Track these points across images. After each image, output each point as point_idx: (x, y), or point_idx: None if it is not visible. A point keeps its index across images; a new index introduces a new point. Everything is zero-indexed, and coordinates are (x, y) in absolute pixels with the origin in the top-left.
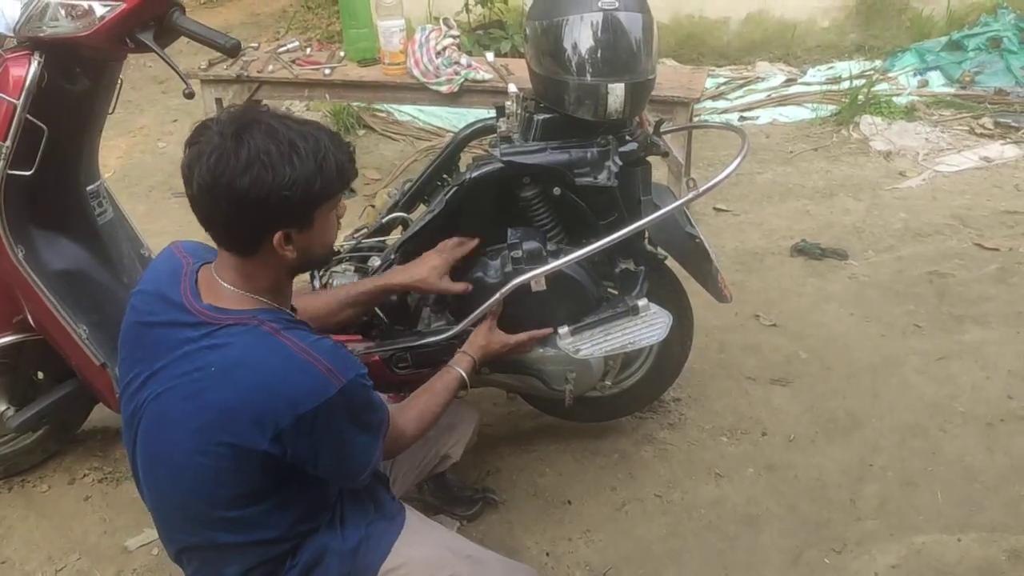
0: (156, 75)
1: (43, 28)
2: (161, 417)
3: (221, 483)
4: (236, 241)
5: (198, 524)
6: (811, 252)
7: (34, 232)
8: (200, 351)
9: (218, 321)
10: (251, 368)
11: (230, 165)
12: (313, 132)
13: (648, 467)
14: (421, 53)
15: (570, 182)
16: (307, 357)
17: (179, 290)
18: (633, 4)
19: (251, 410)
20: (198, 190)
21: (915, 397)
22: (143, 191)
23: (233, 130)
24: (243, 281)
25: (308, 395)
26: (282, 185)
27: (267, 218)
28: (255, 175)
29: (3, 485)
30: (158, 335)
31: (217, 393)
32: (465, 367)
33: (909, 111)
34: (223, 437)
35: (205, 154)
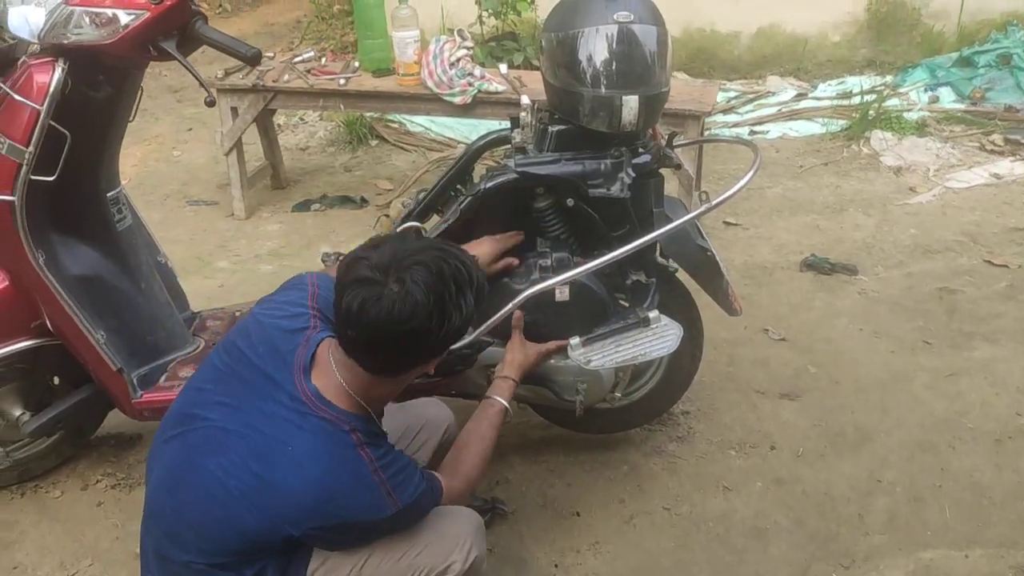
0: (171, 84)
1: (67, 35)
2: (220, 449)
3: (240, 534)
4: (387, 366)
5: (190, 545)
6: (821, 267)
7: (54, 237)
8: (287, 425)
9: (315, 409)
10: (324, 468)
11: (415, 311)
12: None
13: (657, 480)
14: (435, 64)
15: (583, 193)
16: (376, 478)
17: (295, 355)
18: (648, 17)
19: (306, 503)
20: (370, 329)
21: (924, 413)
22: (158, 199)
23: (410, 277)
24: (361, 387)
25: (363, 511)
26: (453, 327)
27: (422, 353)
28: (434, 320)
29: (16, 490)
30: (256, 381)
31: (283, 472)
32: (506, 395)
33: (920, 127)
34: (269, 510)
35: (385, 299)
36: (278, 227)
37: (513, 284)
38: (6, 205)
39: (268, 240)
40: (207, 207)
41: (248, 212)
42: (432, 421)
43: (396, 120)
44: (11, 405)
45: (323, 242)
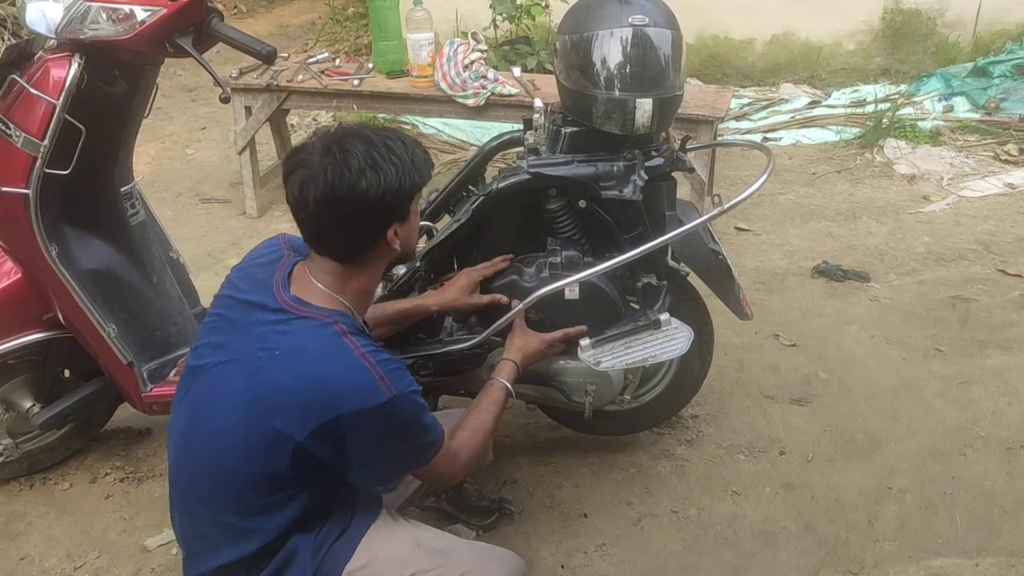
0: (186, 83)
1: (84, 30)
2: (219, 383)
3: (251, 460)
4: (349, 246)
5: (212, 495)
6: (832, 274)
7: (68, 231)
8: (272, 334)
9: (296, 311)
10: (311, 358)
11: (344, 176)
12: (397, 135)
13: (665, 482)
14: (449, 67)
15: (596, 195)
16: (365, 362)
17: (272, 277)
18: (663, 21)
19: (300, 397)
20: (316, 205)
21: (936, 421)
22: (171, 196)
23: (335, 144)
24: (337, 283)
25: (356, 396)
26: (390, 183)
27: (382, 216)
28: (369, 179)
29: (25, 482)
30: (241, 312)
31: (274, 374)
32: (507, 375)
33: (934, 136)
34: (268, 417)
35: (315, 170)
36: (289, 226)
37: (523, 283)
38: (20, 198)
39: None
40: (219, 205)
41: (260, 211)
42: None
43: (409, 122)
44: (22, 397)
45: None
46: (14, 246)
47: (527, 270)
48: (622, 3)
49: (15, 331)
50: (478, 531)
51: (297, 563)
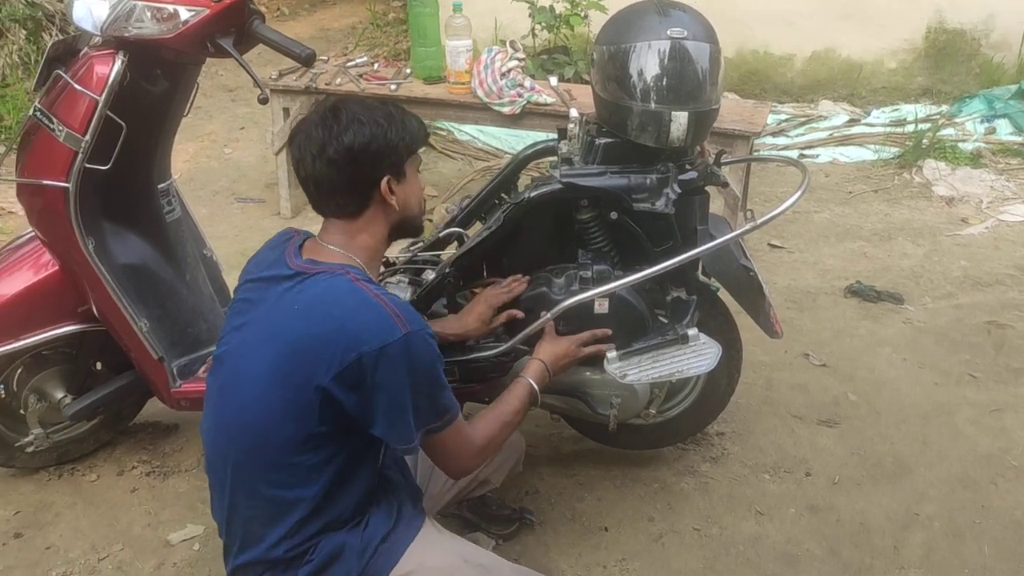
0: (226, 83)
1: (128, 29)
2: (243, 356)
3: (282, 421)
4: (347, 199)
5: (248, 469)
6: (866, 294)
7: (105, 225)
8: (289, 296)
9: (309, 270)
10: (326, 303)
11: (334, 130)
12: (389, 103)
13: (688, 499)
14: (486, 74)
15: (628, 207)
16: (379, 300)
17: (284, 252)
18: (702, 34)
19: (319, 342)
20: (312, 160)
21: (967, 448)
22: (207, 195)
23: (328, 107)
24: (347, 240)
25: (373, 333)
26: (378, 134)
27: (372, 166)
28: (355, 130)
29: (54, 471)
30: (259, 291)
31: (293, 327)
32: (534, 374)
33: (975, 158)
34: (292, 370)
35: (310, 130)
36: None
37: (552, 294)
38: (61, 192)
39: None
40: (254, 204)
41: (294, 211)
42: (509, 444)
43: (444, 127)
44: (54, 388)
45: None
46: (53, 239)
47: (556, 281)
48: (661, 15)
49: (50, 322)
50: (498, 540)
51: (343, 560)
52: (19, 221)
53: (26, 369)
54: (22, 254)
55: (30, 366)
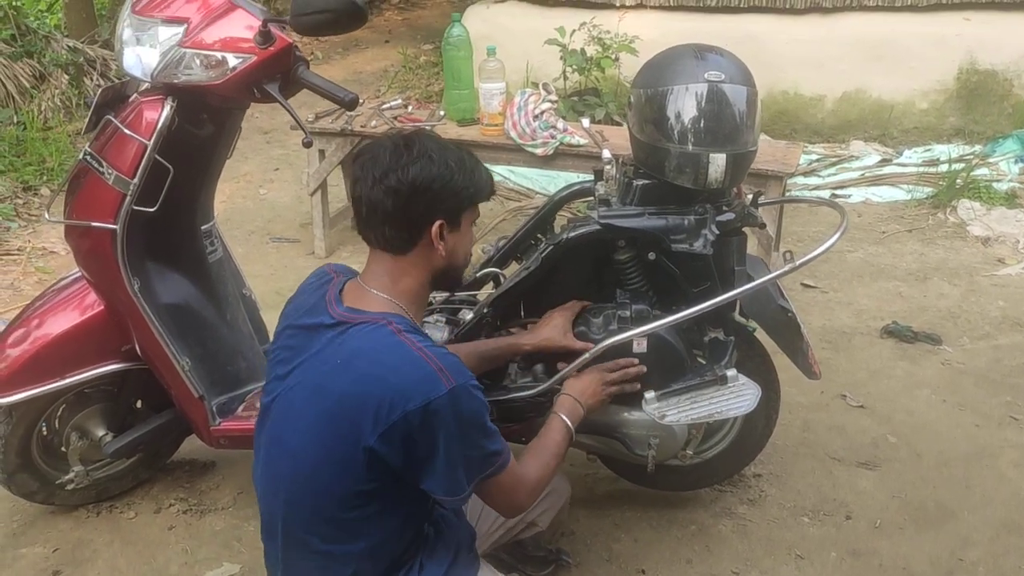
0: (261, 126)
1: (178, 75)
2: (289, 407)
3: (330, 476)
4: (396, 234)
5: (300, 522)
6: (902, 335)
7: (150, 266)
8: (331, 347)
9: (352, 320)
10: (368, 359)
11: (402, 159)
12: (464, 149)
13: (726, 542)
14: (519, 116)
15: (666, 248)
16: (422, 355)
17: (325, 297)
18: (739, 77)
19: (364, 400)
20: (371, 183)
21: (1011, 492)
22: (243, 235)
23: (403, 136)
24: (390, 284)
25: (418, 390)
26: (444, 175)
27: (428, 206)
28: (423, 165)
29: (93, 509)
30: (302, 338)
31: (337, 382)
32: (566, 410)
33: (1010, 198)
34: (337, 427)
35: (378, 153)
36: (357, 266)
37: (591, 334)
38: (108, 233)
39: None
40: (289, 244)
41: (328, 251)
42: (555, 489)
43: None
44: (95, 425)
45: None
46: (99, 279)
47: (595, 321)
48: (698, 59)
49: (95, 361)
50: None
51: None
52: (61, 260)
53: (68, 407)
54: (68, 294)
55: (72, 404)
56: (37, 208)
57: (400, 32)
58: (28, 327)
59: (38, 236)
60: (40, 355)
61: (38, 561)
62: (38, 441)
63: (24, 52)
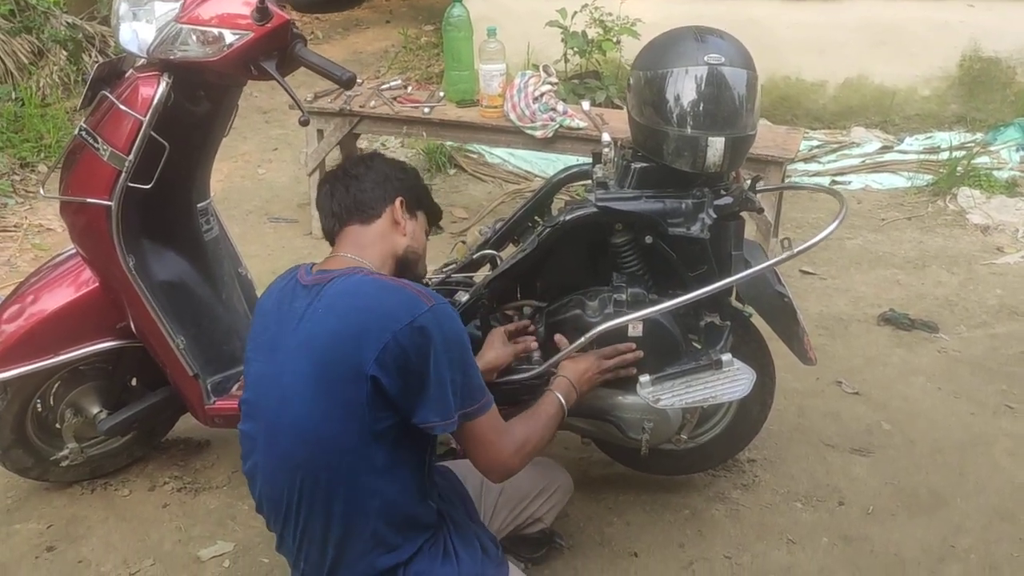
0: (260, 105)
1: (174, 51)
2: (282, 373)
3: (340, 424)
4: (364, 202)
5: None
6: (899, 322)
7: (145, 243)
8: (311, 309)
9: (325, 279)
10: (350, 296)
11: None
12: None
13: (719, 526)
14: (519, 98)
15: (663, 231)
16: (397, 283)
17: (295, 276)
18: (739, 60)
19: (353, 330)
20: (342, 174)
21: (1004, 480)
22: (240, 214)
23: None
24: (358, 250)
25: (402, 310)
26: (406, 171)
27: (393, 183)
28: (383, 162)
29: (87, 486)
30: (277, 317)
31: (323, 325)
32: (560, 389)
33: (1010, 186)
34: (335, 369)
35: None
36: None
37: (587, 318)
38: (104, 210)
39: None
40: (286, 224)
41: None
42: (561, 486)
43: (475, 150)
44: (90, 403)
45: None
46: (94, 256)
47: (591, 304)
48: (699, 41)
49: (89, 338)
50: (527, 563)
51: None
52: (58, 237)
53: (63, 384)
54: (63, 270)
55: (67, 381)
56: (34, 185)
57: (401, 12)
58: (23, 303)
59: (35, 213)
60: (35, 331)
61: (32, 537)
62: (33, 417)
63: (23, 28)
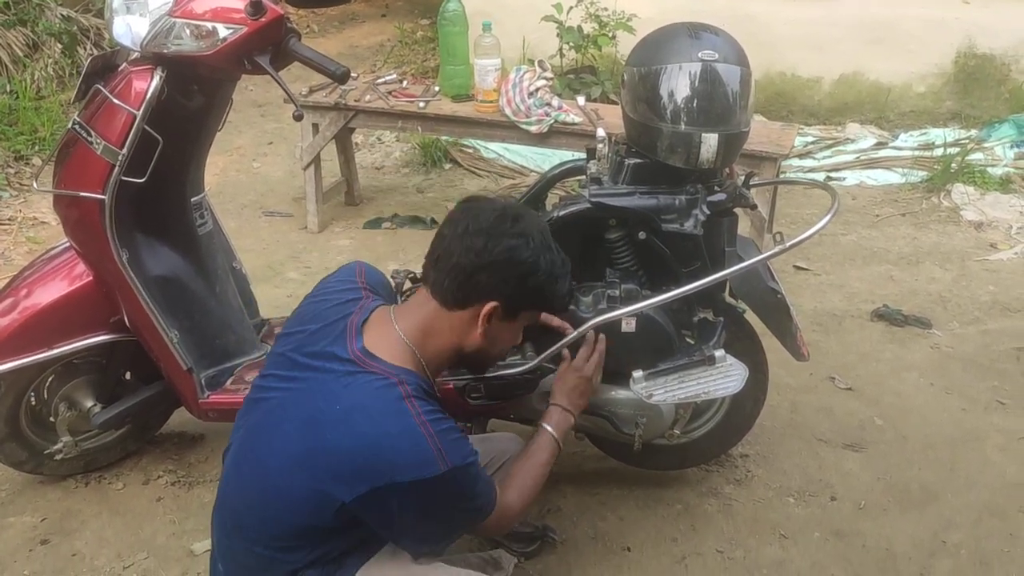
0: (256, 99)
1: (168, 45)
2: (278, 422)
3: (296, 511)
4: (457, 291)
5: (252, 529)
6: (892, 318)
7: (139, 237)
8: (336, 385)
9: (365, 367)
10: (369, 419)
11: (503, 227)
12: (564, 257)
13: (711, 521)
14: (514, 93)
15: (656, 227)
16: (424, 431)
17: (347, 322)
18: (733, 57)
19: (354, 460)
20: (461, 233)
21: (995, 475)
22: (235, 208)
23: (513, 211)
24: (421, 335)
25: (410, 468)
26: (530, 266)
27: (496, 283)
28: (518, 245)
29: (81, 479)
30: (309, 356)
31: (331, 432)
32: (556, 425)
33: (1004, 183)
34: (319, 476)
35: (484, 211)
36: (349, 242)
37: (579, 313)
38: (97, 204)
39: (338, 254)
40: (282, 219)
41: (321, 226)
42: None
43: (471, 145)
44: (84, 396)
45: (391, 259)
46: (87, 249)
47: (584, 299)
48: (693, 38)
49: (82, 332)
50: (520, 557)
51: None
52: (51, 231)
53: (57, 377)
54: (57, 264)
55: (61, 374)
56: (28, 178)
57: (397, 6)
58: (17, 297)
59: (29, 206)
60: (28, 325)
61: (26, 530)
62: (27, 411)
63: (17, 20)
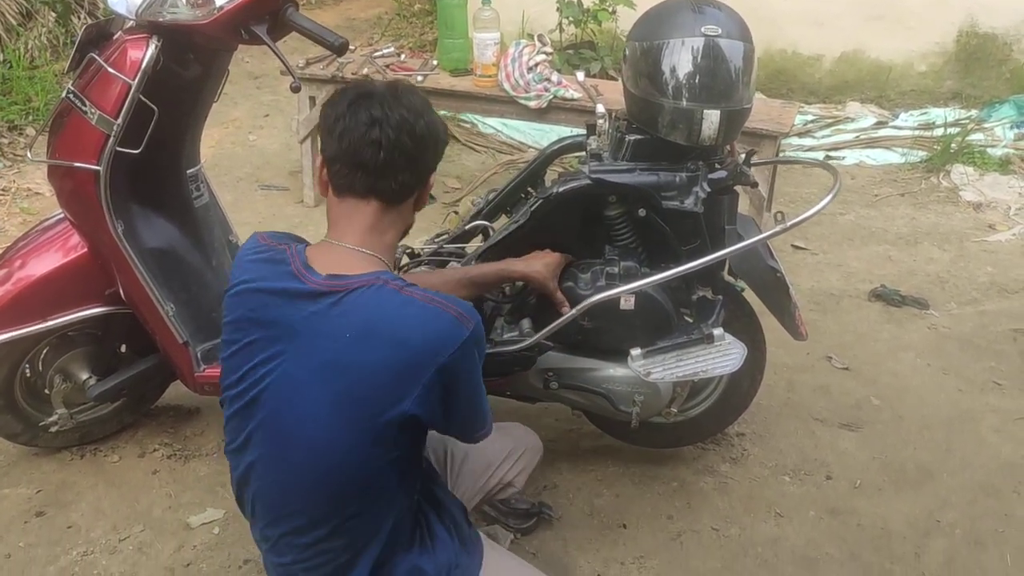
0: (252, 70)
1: (163, 14)
2: (293, 395)
3: (360, 455)
4: (409, 180)
5: (329, 500)
6: (890, 298)
7: (134, 209)
8: (328, 320)
9: (342, 288)
10: (388, 325)
11: (414, 106)
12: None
13: (707, 499)
14: (513, 67)
15: (656, 204)
16: (434, 305)
17: (289, 269)
18: (736, 32)
19: (394, 367)
20: (386, 140)
21: (990, 455)
22: (231, 181)
23: (392, 93)
24: (374, 237)
25: (446, 342)
26: (440, 129)
27: (434, 156)
28: (427, 119)
29: (77, 452)
30: (278, 311)
31: (356, 356)
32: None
33: (1003, 163)
34: (364, 402)
35: (386, 98)
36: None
37: (578, 290)
38: (91, 174)
39: None
40: (278, 192)
41: (317, 200)
42: (531, 448)
43: (469, 120)
44: (79, 369)
45: None
46: (82, 221)
47: (583, 276)
48: (696, 12)
49: (78, 304)
50: (516, 534)
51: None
52: (46, 202)
53: (52, 349)
54: (51, 235)
55: (56, 346)
56: (22, 148)
57: None
58: (11, 268)
59: (23, 176)
60: (22, 296)
61: (21, 502)
62: (22, 382)
63: None
